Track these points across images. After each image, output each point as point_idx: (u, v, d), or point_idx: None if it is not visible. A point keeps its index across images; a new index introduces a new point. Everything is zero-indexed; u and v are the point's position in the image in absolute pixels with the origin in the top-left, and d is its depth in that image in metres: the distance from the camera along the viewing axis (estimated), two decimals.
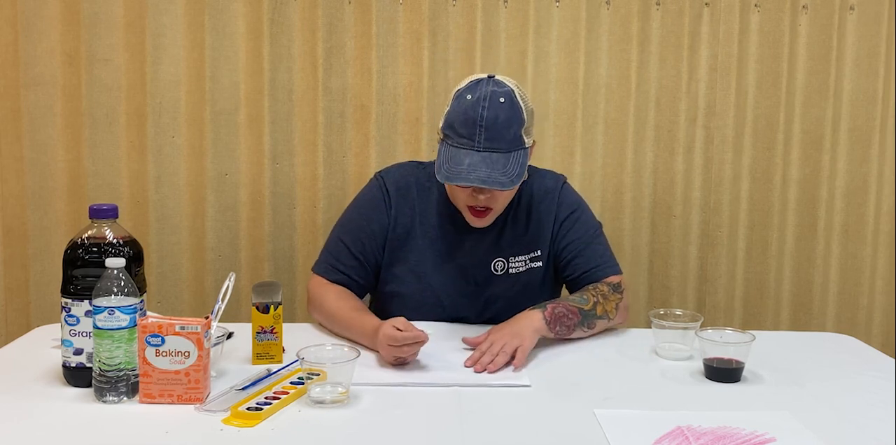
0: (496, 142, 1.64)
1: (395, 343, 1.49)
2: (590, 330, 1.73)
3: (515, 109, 1.66)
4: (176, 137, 2.37)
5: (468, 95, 1.66)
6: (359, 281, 1.83)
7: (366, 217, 1.83)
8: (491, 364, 1.52)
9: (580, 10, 2.41)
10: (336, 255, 1.83)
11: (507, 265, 1.84)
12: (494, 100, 1.64)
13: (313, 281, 1.83)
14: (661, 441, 1.23)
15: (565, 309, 1.68)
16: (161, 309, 2.38)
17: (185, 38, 2.33)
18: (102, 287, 1.32)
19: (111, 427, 1.26)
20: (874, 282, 2.60)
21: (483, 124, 1.63)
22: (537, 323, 1.63)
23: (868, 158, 2.54)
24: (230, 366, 1.52)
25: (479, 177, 1.62)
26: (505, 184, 1.64)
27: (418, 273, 1.83)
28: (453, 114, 1.67)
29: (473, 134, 1.64)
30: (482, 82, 1.68)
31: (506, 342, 1.56)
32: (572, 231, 1.85)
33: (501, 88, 1.67)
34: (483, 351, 1.55)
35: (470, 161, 1.63)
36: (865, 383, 1.53)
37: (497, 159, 1.64)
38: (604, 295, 1.76)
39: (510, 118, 1.65)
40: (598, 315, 1.73)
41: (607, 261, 1.86)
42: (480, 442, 1.24)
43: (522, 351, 1.55)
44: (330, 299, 1.76)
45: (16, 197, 2.35)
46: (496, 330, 1.63)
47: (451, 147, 1.67)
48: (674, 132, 2.49)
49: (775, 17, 2.47)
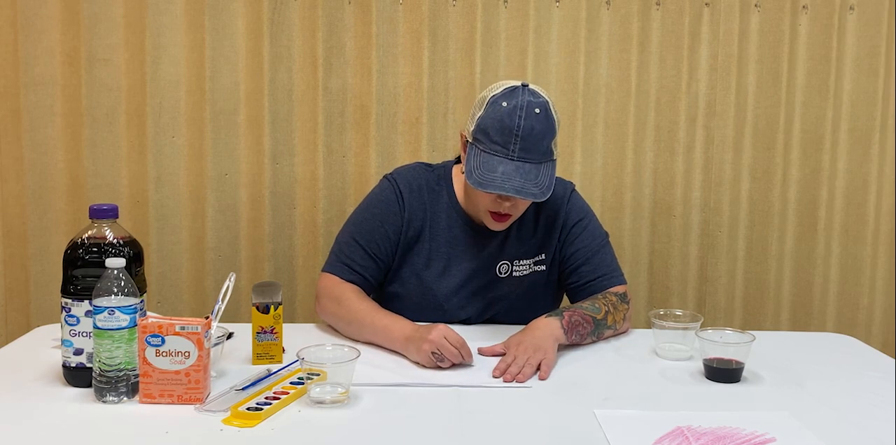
0: (530, 153, 1.65)
1: (454, 342, 1.52)
2: (598, 338, 1.74)
3: (550, 121, 1.67)
4: (176, 137, 2.37)
5: (503, 102, 1.66)
6: (371, 282, 1.82)
7: (380, 218, 1.82)
8: (520, 374, 1.51)
9: (580, 11, 2.41)
10: (350, 255, 1.81)
11: (511, 268, 1.85)
12: (531, 110, 1.64)
13: (326, 280, 1.80)
14: (661, 441, 1.23)
15: (580, 317, 1.69)
16: (161, 309, 2.38)
17: (185, 38, 2.33)
18: (102, 287, 1.32)
19: (111, 427, 1.26)
20: (874, 282, 2.60)
21: (519, 134, 1.63)
22: (557, 331, 1.63)
23: (868, 158, 2.54)
24: (230, 366, 1.52)
25: (514, 186, 1.63)
26: (537, 195, 1.64)
27: (421, 275, 1.83)
28: (488, 121, 1.66)
29: (508, 142, 1.64)
30: (517, 90, 1.67)
31: (530, 355, 1.55)
32: (580, 238, 1.85)
33: (537, 99, 1.67)
34: (509, 363, 1.54)
35: (503, 169, 1.64)
36: (865, 383, 1.53)
37: (529, 170, 1.64)
38: (614, 305, 1.77)
39: (545, 129, 1.66)
40: (609, 324, 1.74)
41: (613, 271, 1.86)
42: (480, 442, 1.24)
43: (547, 364, 1.55)
44: (351, 299, 1.74)
45: (16, 197, 2.35)
46: (516, 342, 1.60)
47: (483, 152, 1.67)
48: (674, 132, 2.50)
49: (775, 17, 2.47)
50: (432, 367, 1.54)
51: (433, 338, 1.52)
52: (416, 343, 1.55)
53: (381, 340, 1.65)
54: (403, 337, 1.59)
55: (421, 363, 1.55)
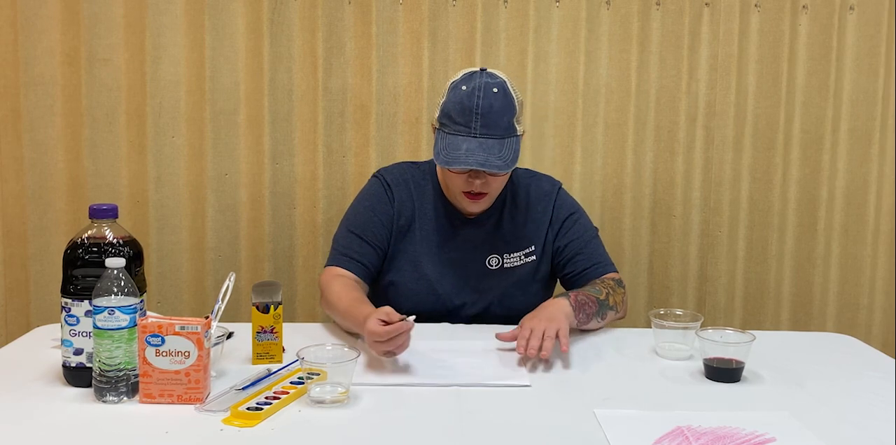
0: (491, 129, 1.71)
1: (380, 339, 1.48)
2: (602, 320, 1.79)
3: (508, 99, 1.74)
4: (176, 137, 2.37)
5: (463, 86, 1.74)
6: (370, 268, 1.85)
7: (371, 209, 1.88)
8: (543, 350, 1.53)
9: (580, 11, 2.41)
10: (347, 245, 1.85)
11: (501, 261, 1.90)
12: (489, 90, 1.72)
13: (325, 274, 1.84)
14: (661, 441, 1.23)
15: (586, 297, 1.75)
16: (161, 309, 2.38)
17: (185, 38, 2.33)
18: (102, 287, 1.32)
19: (111, 427, 1.26)
20: (874, 282, 2.60)
21: (479, 112, 1.71)
22: (566, 308, 1.68)
23: (868, 158, 2.54)
24: (230, 366, 1.52)
25: (478, 160, 1.69)
26: (501, 167, 1.71)
27: (415, 262, 1.87)
28: (449, 104, 1.74)
29: (470, 121, 1.71)
30: (475, 74, 1.75)
31: (545, 326, 1.58)
32: (572, 230, 1.92)
33: (494, 80, 1.74)
34: (527, 336, 1.57)
35: (467, 146, 1.71)
36: (865, 383, 1.53)
37: (493, 145, 1.71)
38: (612, 287, 1.83)
39: (504, 107, 1.72)
40: (610, 305, 1.80)
41: (606, 260, 1.94)
42: (480, 442, 1.24)
43: (563, 334, 1.58)
44: (333, 290, 1.76)
45: (16, 197, 2.35)
46: (529, 318, 1.66)
47: (448, 134, 1.74)
48: (674, 132, 2.49)
49: (775, 17, 2.47)
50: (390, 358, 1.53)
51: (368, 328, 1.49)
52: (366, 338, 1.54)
53: (356, 329, 1.65)
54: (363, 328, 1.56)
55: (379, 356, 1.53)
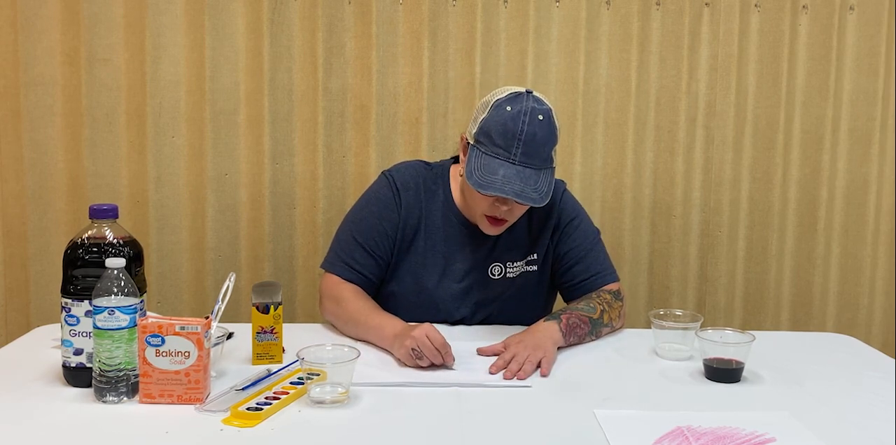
0: (531, 158, 1.65)
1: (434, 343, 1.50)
2: (596, 337, 1.76)
3: (552, 128, 1.68)
4: (176, 137, 2.37)
5: (508, 107, 1.67)
6: (372, 280, 1.82)
7: (377, 215, 1.83)
8: (521, 372, 1.51)
9: (580, 11, 2.41)
10: (350, 253, 1.81)
11: (504, 270, 1.85)
12: (534, 116, 1.65)
13: (328, 280, 1.81)
14: (661, 441, 1.23)
15: (577, 319, 1.70)
16: (161, 309, 2.38)
17: (185, 38, 2.33)
18: (102, 287, 1.32)
19: (111, 427, 1.26)
20: (874, 282, 2.60)
21: (522, 138, 1.64)
22: (556, 334, 1.64)
23: (868, 158, 2.54)
24: (230, 366, 1.52)
25: (514, 190, 1.63)
26: (536, 200, 1.65)
27: (416, 274, 1.83)
28: (491, 123, 1.67)
29: (511, 146, 1.65)
30: (522, 96, 1.69)
31: (530, 353, 1.55)
32: (572, 238, 1.87)
33: (541, 106, 1.68)
34: (507, 360, 1.55)
35: (504, 172, 1.64)
36: (865, 383, 1.53)
37: (530, 175, 1.65)
38: (608, 303, 1.78)
39: (547, 136, 1.67)
40: (605, 323, 1.76)
41: (606, 269, 1.88)
42: (480, 442, 1.24)
43: (547, 361, 1.55)
44: (348, 299, 1.75)
45: (16, 197, 2.35)
46: (515, 341, 1.61)
47: (485, 155, 1.67)
48: (674, 132, 2.50)
49: (775, 17, 2.47)
50: (412, 365, 1.53)
51: (415, 335, 1.52)
52: (401, 339, 1.55)
53: (374, 338, 1.66)
54: (392, 335, 1.60)
55: (401, 359, 1.55)
